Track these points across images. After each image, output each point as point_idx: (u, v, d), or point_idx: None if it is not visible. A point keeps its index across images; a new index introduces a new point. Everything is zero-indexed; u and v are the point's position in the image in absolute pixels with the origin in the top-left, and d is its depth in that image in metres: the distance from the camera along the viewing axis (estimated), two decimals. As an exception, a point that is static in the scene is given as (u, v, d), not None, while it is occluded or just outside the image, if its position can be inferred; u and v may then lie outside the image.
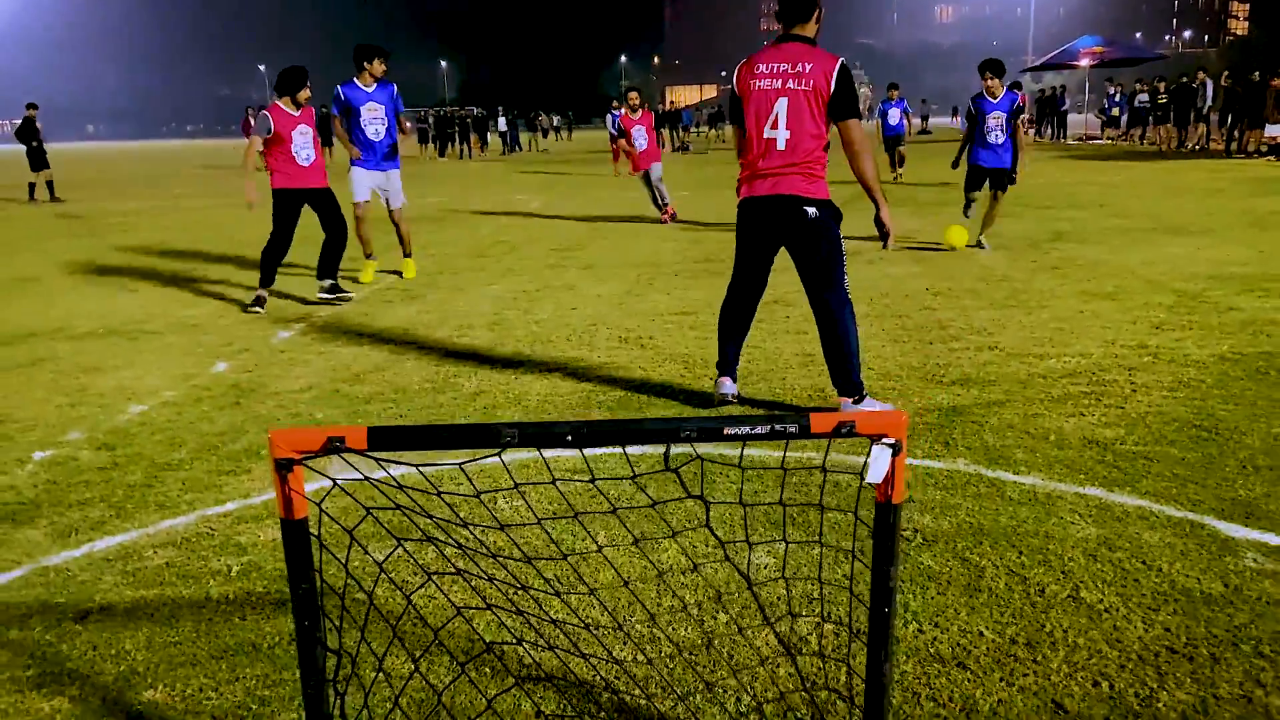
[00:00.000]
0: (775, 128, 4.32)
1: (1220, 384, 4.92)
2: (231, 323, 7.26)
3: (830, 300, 4.44)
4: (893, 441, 1.72)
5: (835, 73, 4.25)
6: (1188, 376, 5.07)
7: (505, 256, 10.33)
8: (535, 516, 2.90)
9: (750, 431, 1.70)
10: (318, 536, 1.77)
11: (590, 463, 4.01)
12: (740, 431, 1.70)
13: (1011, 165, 9.72)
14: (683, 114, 44.65)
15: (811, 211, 4.33)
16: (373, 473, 3.23)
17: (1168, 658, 2.57)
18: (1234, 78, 24.87)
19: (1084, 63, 33.33)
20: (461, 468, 1.93)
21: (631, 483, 3.62)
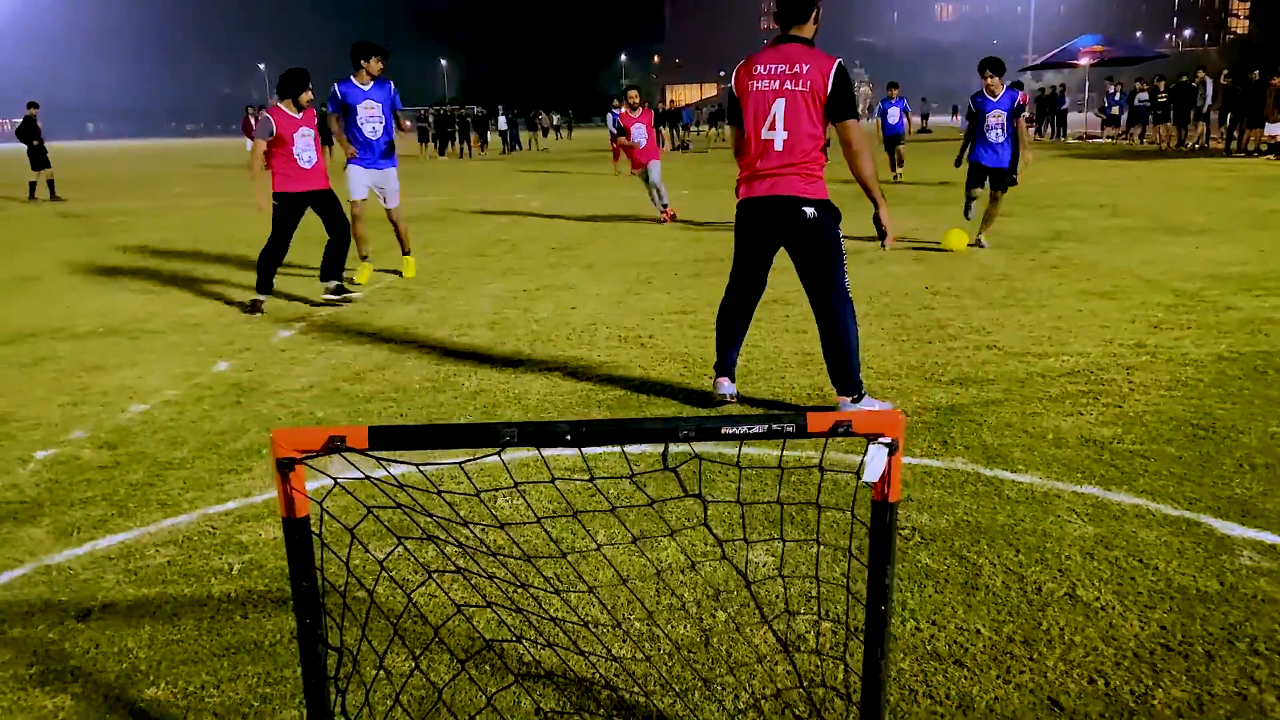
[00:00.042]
0: (773, 129, 4.33)
1: (1218, 383, 4.93)
2: (232, 322, 7.28)
3: (831, 300, 4.45)
4: (889, 441, 1.73)
5: (832, 73, 4.26)
6: (1185, 375, 5.08)
7: (505, 255, 10.35)
8: (535, 515, 2.92)
9: (748, 431, 1.72)
10: (319, 535, 1.79)
11: (589, 462, 4.03)
12: (738, 431, 1.71)
13: (1010, 165, 9.72)
14: (683, 113, 44.68)
15: (810, 212, 4.34)
16: (373, 471, 3.25)
17: (1163, 655, 2.59)
18: (1233, 77, 24.88)
19: (1084, 61, 33.31)
20: (461, 467, 1.95)
21: (630, 482, 3.63)
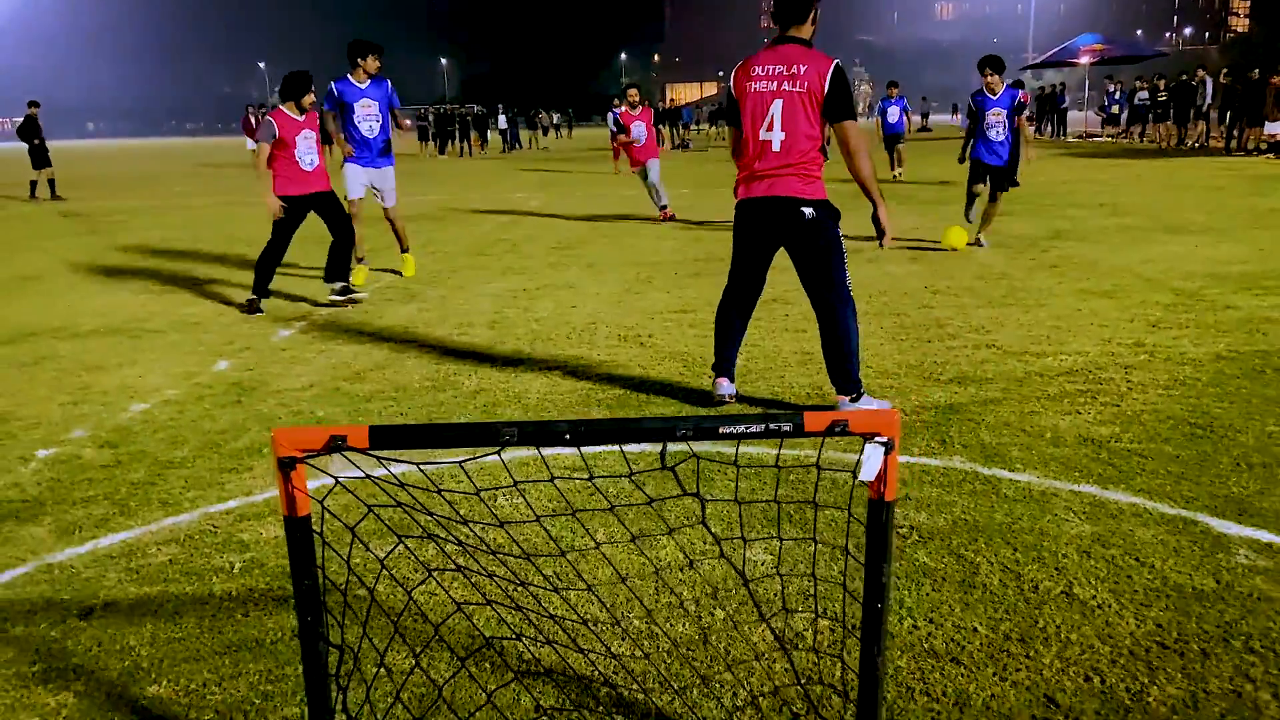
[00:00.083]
0: (771, 129, 4.33)
1: (1216, 382, 4.95)
2: (232, 321, 7.29)
3: (831, 299, 4.46)
4: (885, 440, 1.75)
5: (829, 74, 4.26)
6: (1184, 375, 5.10)
7: (505, 255, 10.36)
8: (534, 514, 2.93)
9: (745, 430, 1.73)
10: (320, 533, 1.81)
11: (588, 461, 4.05)
12: (735, 430, 1.73)
13: (1007, 163, 9.72)
14: (683, 111, 44.71)
15: (809, 212, 4.35)
16: (374, 470, 3.27)
17: (1159, 653, 2.60)
18: (1233, 75, 24.89)
19: (1084, 60, 33.31)
20: (461, 466, 1.97)
21: (629, 480, 3.64)
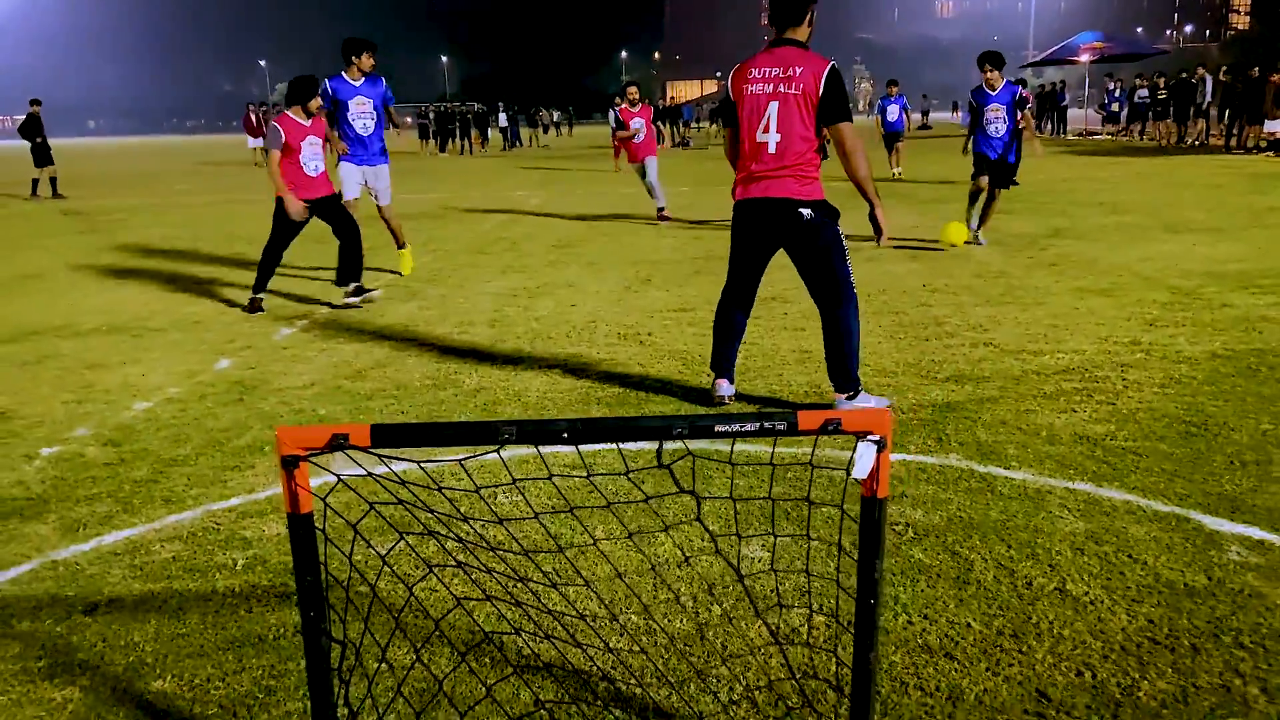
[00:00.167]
0: (767, 131, 4.35)
1: (1211, 380, 4.98)
2: (234, 319, 7.33)
3: (835, 297, 4.48)
4: (878, 438, 1.78)
5: (825, 76, 4.28)
6: (1179, 373, 5.13)
7: (505, 253, 10.39)
8: (533, 511, 2.97)
9: (740, 429, 1.76)
10: (322, 531, 1.84)
11: (587, 459, 4.08)
12: (731, 429, 1.76)
13: (1004, 156, 9.72)
14: (683, 109, 44.74)
15: (807, 213, 4.37)
16: (375, 468, 3.30)
17: (1150, 648, 2.63)
18: (1233, 73, 24.89)
19: (1084, 58, 33.31)
20: (462, 464, 2.00)
21: (627, 478, 3.67)
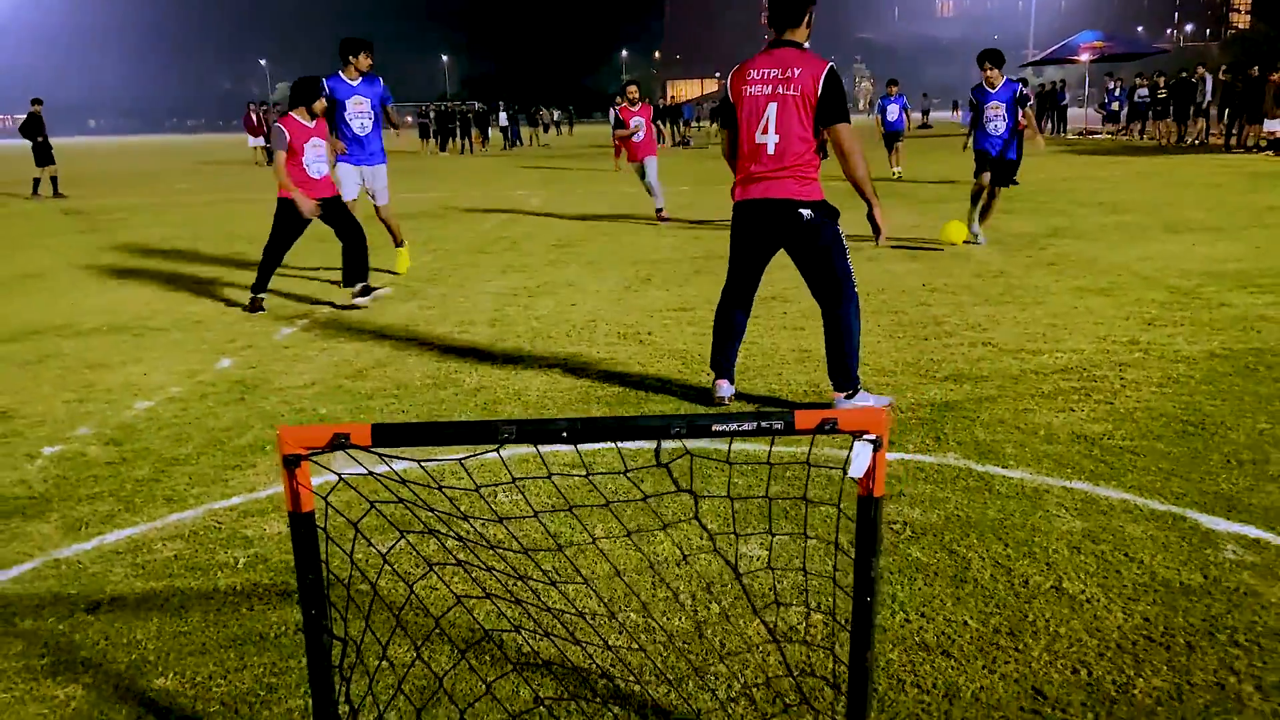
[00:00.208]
0: (766, 132, 4.37)
1: (1209, 380, 4.99)
2: (235, 319, 7.34)
3: (835, 297, 4.49)
4: (874, 438, 1.80)
5: (823, 77, 4.29)
6: (1177, 372, 5.14)
7: (506, 252, 10.40)
8: (533, 510, 2.98)
9: (737, 428, 1.78)
10: (323, 529, 1.86)
11: (586, 458, 4.10)
12: (728, 428, 1.78)
13: (1002, 151, 9.73)
14: (683, 108, 44.75)
15: (806, 214, 4.38)
16: (376, 467, 3.32)
17: (1145, 646, 2.65)
18: (1233, 73, 24.90)
19: (1084, 57, 33.31)
20: (462, 463, 2.02)
21: (625, 477, 3.69)
